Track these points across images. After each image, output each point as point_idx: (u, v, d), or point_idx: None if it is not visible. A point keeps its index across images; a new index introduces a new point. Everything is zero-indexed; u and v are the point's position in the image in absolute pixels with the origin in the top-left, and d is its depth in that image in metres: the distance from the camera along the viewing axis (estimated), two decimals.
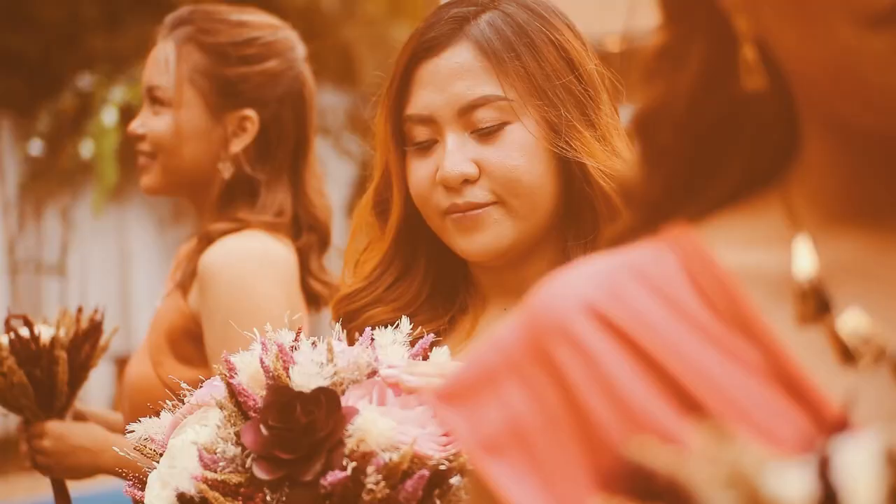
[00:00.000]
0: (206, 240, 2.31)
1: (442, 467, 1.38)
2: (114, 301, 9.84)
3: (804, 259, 0.78)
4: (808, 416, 0.72)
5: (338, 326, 1.60)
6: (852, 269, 0.78)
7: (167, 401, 1.55)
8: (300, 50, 2.44)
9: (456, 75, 1.69)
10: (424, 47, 1.72)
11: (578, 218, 1.72)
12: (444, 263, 1.82)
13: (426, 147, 1.73)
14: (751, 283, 0.79)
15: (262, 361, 1.45)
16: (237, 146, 2.36)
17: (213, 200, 2.37)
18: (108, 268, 10.57)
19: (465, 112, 1.69)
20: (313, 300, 2.41)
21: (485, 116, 1.69)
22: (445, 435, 1.42)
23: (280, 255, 2.28)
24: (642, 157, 0.88)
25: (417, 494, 1.36)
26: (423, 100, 1.72)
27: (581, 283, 0.81)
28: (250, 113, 2.36)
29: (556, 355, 0.77)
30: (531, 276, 1.75)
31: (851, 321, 0.75)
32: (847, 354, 0.75)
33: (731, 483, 0.56)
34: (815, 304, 0.77)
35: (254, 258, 2.23)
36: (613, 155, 1.70)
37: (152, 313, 2.43)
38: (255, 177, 2.35)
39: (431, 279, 1.82)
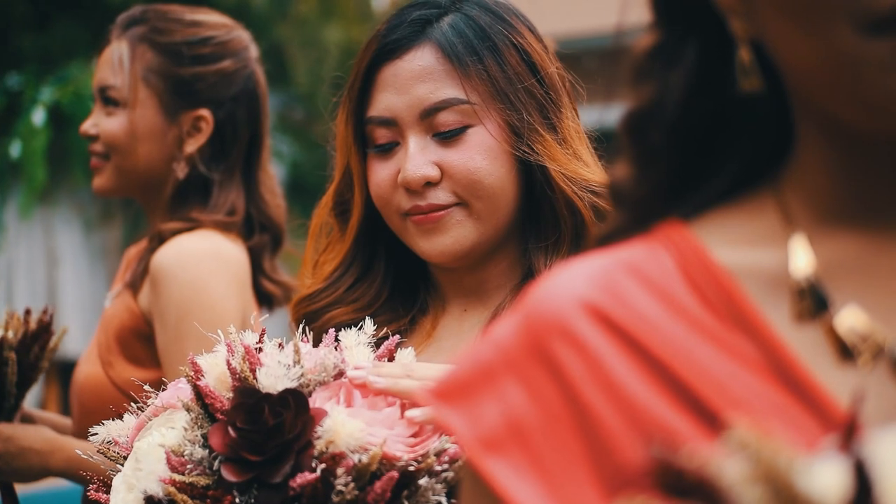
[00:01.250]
0: (158, 239, 2.29)
1: (411, 468, 1.38)
2: (41, 302, 9.69)
3: (801, 257, 0.79)
4: (807, 411, 0.73)
5: (302, 327, 1.59)
6: (848, 267, 0.79)
7: (132, 403, 1.53)
8: (253, 49, 2.43)
9: (418, 78, 1.69)
10: (386, 49, 1.72)
11: (539, 220, 1.73)
12: (403, 265, 1.82)
13: (388, 149, 1.73)
14: (746, 280, 0.80)
15: (228, 363, 1.44)
16: (192, 146, 2.34)
17: (166, 200, 2.35)
18: (35, 269, 10.41)
19: (428, 115, 1.69)
20: (265, 300, 2.39)
21: (447, 119, 1.69)
22: (414, 436, 1.43)
23: (232, 255, 2.26)
24: (632, 156, 0.88)
25: (386, 495, 1.36)
26: (384, 102, 1.72)
27: (577, 281, 0.81)
28: (205, 112, 2.35)
29: (555, 353, 0.78)
30: (491, 278, 1.77)
31: (849, 318, 0.77)
32: (845, 351, 0.76)
33: (764, 480, 0.57)
34: (813, 302, 0.78)
35: (206, 257, 2.22)
36: (575, 158, 1.71)
37: (81, 314, 2.41)
38: (210, 176, 2.34)
39: (391, 280, 1.82)
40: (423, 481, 1.38)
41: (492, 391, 0.80)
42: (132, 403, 1.52)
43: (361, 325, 1.55)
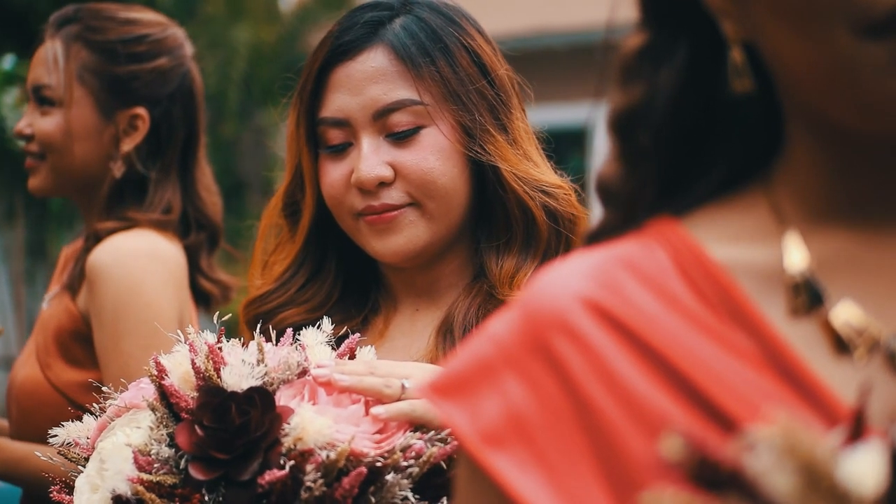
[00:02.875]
0: (94, 239, 2.27)
1: (378, 464, 1.39)
2: None
3: (795, 253, 0.81)
4: (806, 405, 0.75)
5: (259, 328, 1.60)
6: (840, 262, 0.81)
7: (94, 404, 1.52)
8: (188, 47, 2.41)
9: (371, 79, 1.71)
10: (339, 51, 1.73)
11: (491, 220, 1.76)
12: (354, 265, 1.83)
13: (340, 150, 1.74)
14: (740, 276, 0.81)
15: (193, 362, 1.45)
16: (128, 145, 2.32)
17: (102, 199, 2.33)
18: None
19: (381, 116, 1.70)
20: (202, 299, 2.38)
21: (400, 120, 1.70)
22: (379, 432, 1.44)
23: (169, 254, 2.25)
24: (621, 154, 0.89)
25: (353, 491, 1.37)
26: (337, 103, 1.72)
27: (574, 276, 0.81)
28: (141, 111, 2.33)
29: (555, 348, 0.78)
30: (442, 277, 1.79)
31: (844, 313, 0.78)
32: (841, 345, 0.78)
33: (800, 470, 0.58)
34: (808, 297, 0.79)
35: (142, 256, 2.20)
36: (525, 158, 1.74)
37: None
38: (146, 175, 2.32)
39: (342, 280, 1.83)
40: (389, 477, 1.39)
41: (491, 386, 0.80)
42: (94, 405, 1.51)
43: (319, 325, 1.56)
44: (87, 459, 1.50)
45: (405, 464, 1.41)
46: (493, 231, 1.76)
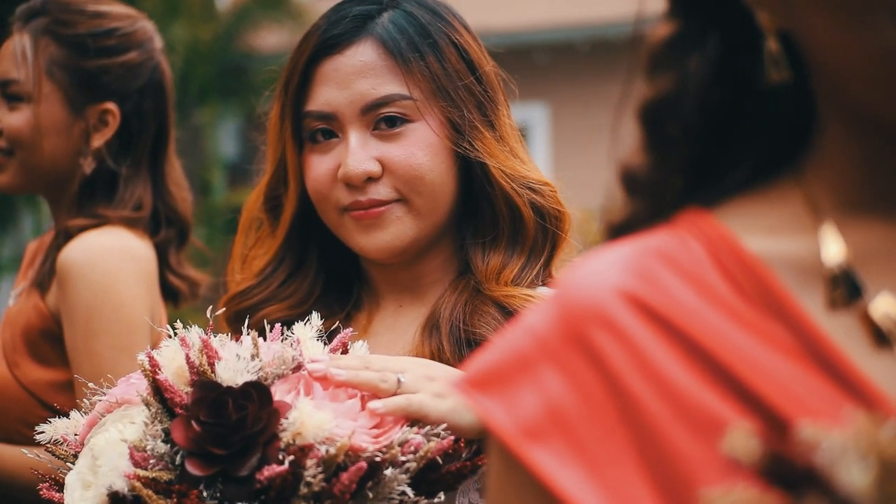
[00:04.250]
0: (65, 236, 2.23)
1: (377, 459, 1.39)
2: None
3: (833, 245, 0.80)
4: (848, 398, 0.74)
5: (247, 323, 1.59)
6: (876, 254, 0.81)
7: (84, 399, 1.50)
8: (157, 40, 2.38)
9: (360, 73, 1.70)
10: (327, 44, 1.72)
11: (477, 217, 1.75)
12: (336, 260, 1.82)
13: (326, 143, 1.73)
14: (776, 268, 0.80)
15: (187, 357, 1.43)
16: (99, 140, 2.28)
17: (72, 196, 2.29)
18: None
19: (370, 110, 1.70)
20: (171, 295, 2.35)
21: (389, 115, 1.70)
22: (375, 427, 1.44)
23: (141, 252, 2.22)
24: (649, 145, 0.88)
25: (352, 487, 1.37)
26: (324, 96, 1.71)
27: (611, 268, 0.80)
28: (111, 106, 2.29)
29: (595, 341, 0.77)
30: (426, 273, 1.78)
31: (883, 305, 0.78)
32: (880, 338, 0.77)
33: (880, 467, 0.58)
34: (846, 289, 0.79)
35: (115, 255, 2.17)
36: (512, 155, 1.74)
37: None
38: (117, 171, 2.29)
39: (324, 276, 1.82)
40: (388, 472, 1.39)
41: (529, 379, 0.79)
42: (83, 401, 1.49)
43: (308, 320, 1.55)
44: (75, 456, 1.48)
45: (403, 458, 1.41)
46: (480, 227, 1.75)
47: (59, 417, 1.55)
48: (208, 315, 1.54)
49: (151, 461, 1.38)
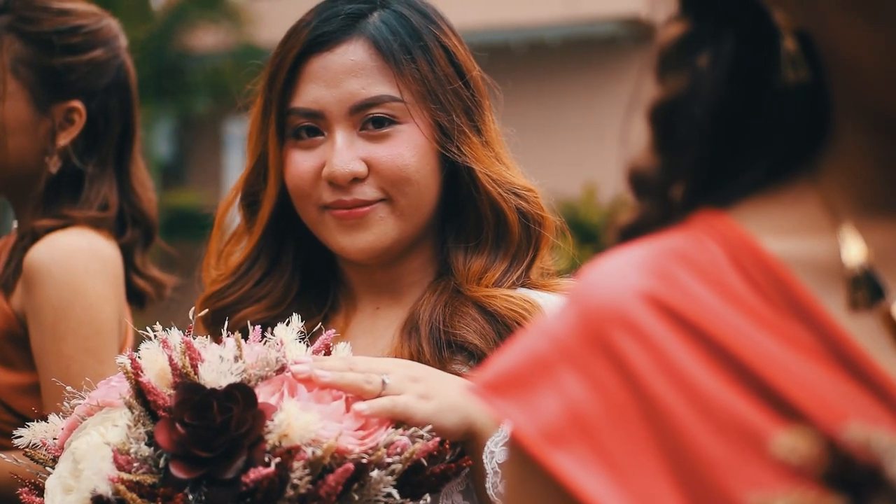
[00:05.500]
0: (31, 237, 2.19)
1: (363, 460, 1.38)
2: None
3: (853, 246, 0.80)
4: (874, 400, 0.73)
5: (227, 325, 1.57)
6: (894, 255, 0.80)
7: (64, 403, 1.47)
8: (123, 39, 2.35)
9: (350, 72, 1.68)
10: (317, 41, 1.70)
11: (461, 220, 1.75)
12: (312, 261, 1.81)
13: (311, 140, 1.71)
14: (795, 270, 0.79)
15: (170, 359, 1.41)
16: (65, 139, 2.24)
17: (37, 196, 2.24)
18: None
19: (358, 110, 1.68)
20: (136, 297, 2.32)
21: (377, 116, 1.69)
22: (362, 429, 1.43)
23: (108, 253, 2.19)
24: (660, 146, 0.87)
25: (338, 489, 1.36)
26: (312, 94, 1.69)
27: (630, 270, 0.79)
28: (77, 104, 2.25)
29: (617, 344, 0.76)
30: (404, 275, 1.77)
31: None
32: None
33: None
34: (868, 291, 0.78)
35: (83, 255, 2.14)
36: (497, 161, 1.74)
37: None
38: (83, 170, 2.25)
39: (300, 276, 1.80)
40: (374, 474, 1.38)
41: (549, 383, 0.77)
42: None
43: (288, 321, 1.54)
44: (54, 460, 1.46)
45: (389, 460, 1.40)
46: (463, 231, 1.75)
47: (26, 422, 1.53)
48: (190, 316, 1.52)
49: (135, 464, 1.36)
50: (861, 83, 0.79)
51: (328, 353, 1.53)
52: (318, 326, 1.61)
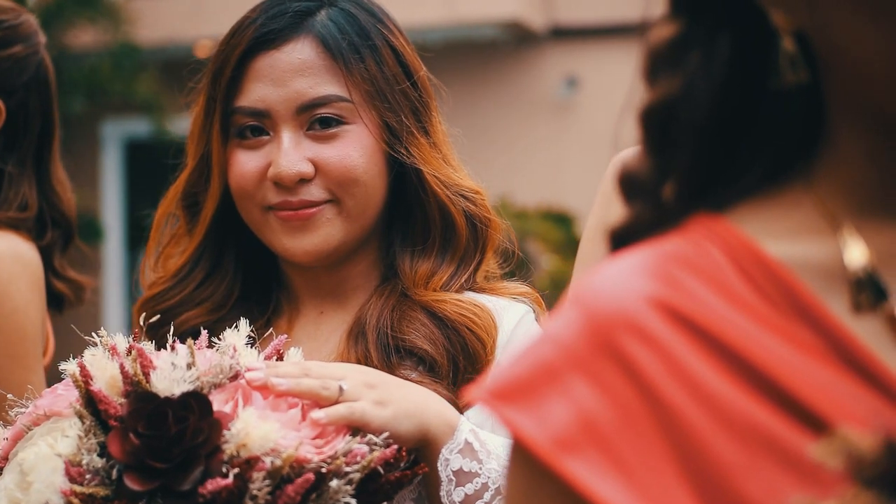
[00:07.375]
0: None
1: (322, 469, 1.35)
2: None
3: (855, 248, 0.80)
4: (882, 400, 0.74)
5: (173, 331, 1.53)
6: (893, 257, 0.80)
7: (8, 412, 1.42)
8: (42, 35, 2.26)
9: (297, 71, 1.64)
10: (264, 39, 1.66)
11: (407, 223, 1.72)
12: (254, 263, 1.77)
13: (255, 140, 1.67)
14: (798, 273, 0.79)
15: (122, 366, 1.37)
16: None
17: None
18: None
19: (305, 110, 1.65)
20: (56, 300, 2.24)
21: (324, 116, 1.65)
22: (319, 437, 1.40)
23: (29, 256, 2.11)
24: (653, 149, 0.86)
25: (297, 499, 1.33)
26: (258, 93, 1.65)
27: (633, 275, 0.79)
28: None
29: (626, 349, 0.75)
30: (349, 279, 1.74)
31: None
32: None
33: None
34: (871, 293, 0.78)
35: (6, 258, 2.05)
36: (445, 163, 1.72)
37: None
38: (2, 169, 2.17)
39: (241, 278, 1.76)
40: (333, 483, 1.35)
41: (557, 390, 0.76)
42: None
43: (236, 325, 1.50)
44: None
45: (347, 469, 1.37)
46: (409, 233, 1.72)
47: None
48: (141, 322, 1.47)
49: (87, 476, 1.31)
50: (860, 83, 0.79)
51: (280, 358, 1.50)
52: (268, 332, 1.57)
